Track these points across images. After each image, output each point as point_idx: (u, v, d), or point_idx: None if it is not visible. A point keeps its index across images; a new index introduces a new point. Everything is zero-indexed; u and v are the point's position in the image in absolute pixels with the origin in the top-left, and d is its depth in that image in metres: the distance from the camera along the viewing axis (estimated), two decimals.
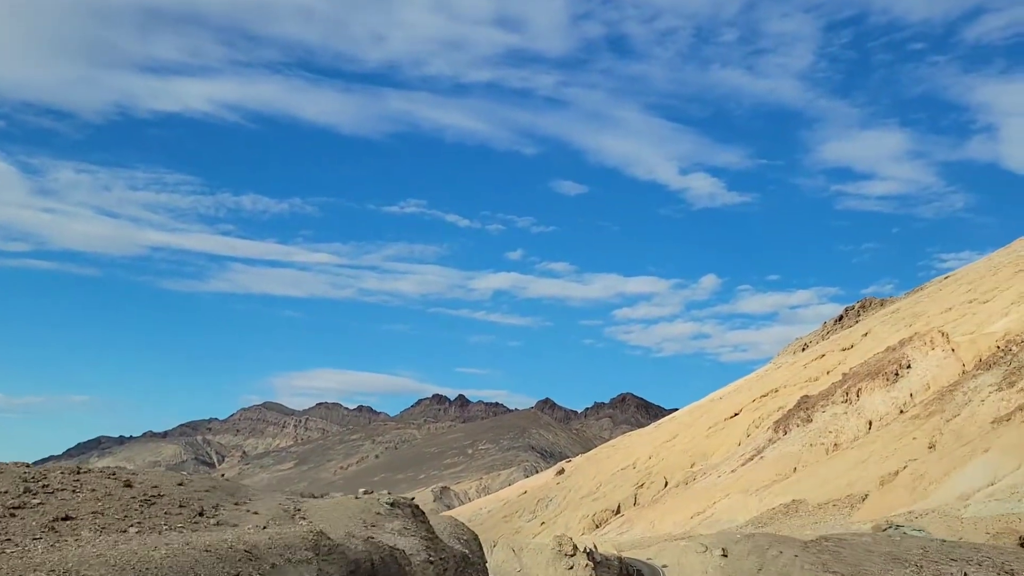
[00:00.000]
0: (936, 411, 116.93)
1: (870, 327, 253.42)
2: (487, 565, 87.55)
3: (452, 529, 27.55)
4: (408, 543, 19.17)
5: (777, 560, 21.66)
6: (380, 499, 21.13)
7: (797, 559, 22.79)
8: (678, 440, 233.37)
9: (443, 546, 21.99)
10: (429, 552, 19.72)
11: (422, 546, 19.65)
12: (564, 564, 78.35)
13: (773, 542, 24.13)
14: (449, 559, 21.22)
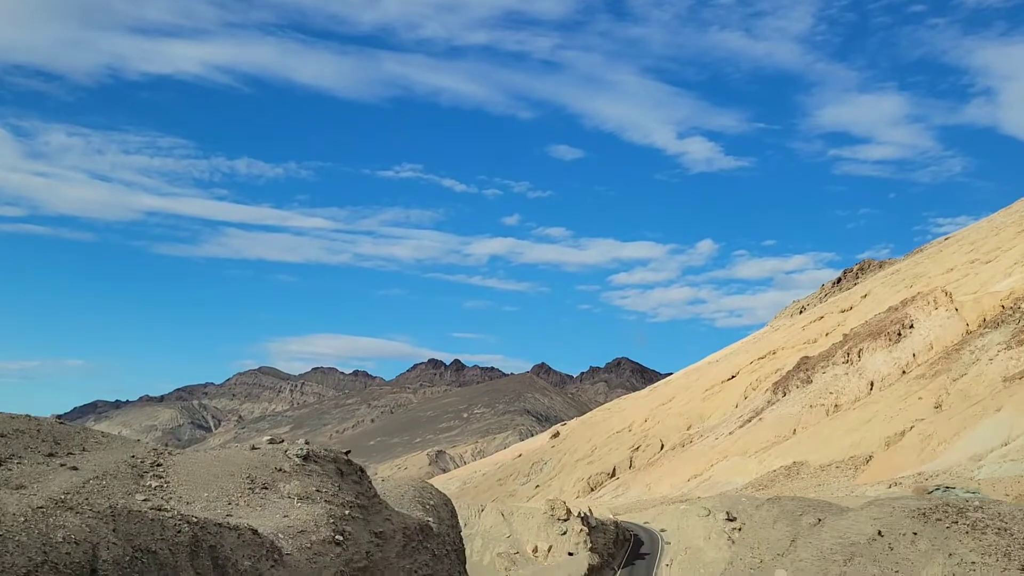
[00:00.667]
0: (942, 371, 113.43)
1: (870, 288, 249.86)
2: (469, 531, 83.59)
3: (416, 494, 23.62)
4: (307, 514, 14.41)
5: (818, 531, 17.99)
6: (288, 451, 16.51)
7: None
8: (674, 403, 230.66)
9: (388, 515, 18.05)
10: (346, 524, 15.05)
11: (341, 514, 15.09)
12: (557, 529, 74.59)
13: (806, 507, 20.31)
14: (395, 531, 17.42)
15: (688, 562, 61.24)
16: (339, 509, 15.20)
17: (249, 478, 15.51)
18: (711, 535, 61.39)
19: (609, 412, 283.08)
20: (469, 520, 79.49)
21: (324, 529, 14.74)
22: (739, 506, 64.80)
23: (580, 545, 71.46)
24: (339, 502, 15.49)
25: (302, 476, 15.41)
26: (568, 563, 70.05)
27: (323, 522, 14.84)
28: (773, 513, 20.91)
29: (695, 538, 63.01)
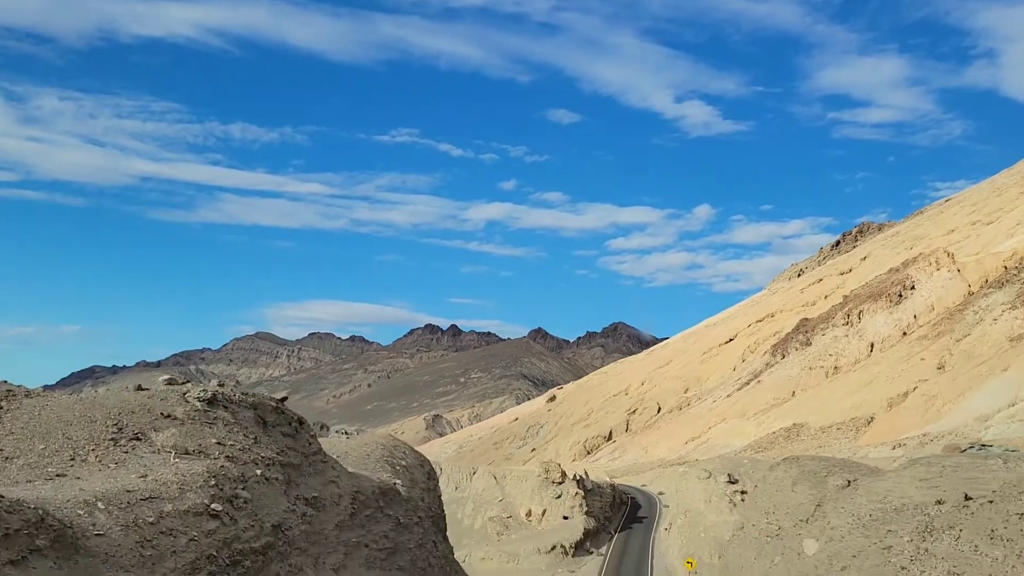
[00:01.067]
0: (944, 331, 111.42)
1: (869, 251, 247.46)
2: (460, 494, 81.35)
3: (384, 453, 21.28)
4: (176, 474, 11.03)
5: (851, 495, 15.75)
6: (188, 393, 12.96)
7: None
8: (671, 366, 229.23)
9: (334, 477, 15.48)
10: (245, 489, 11.51)
11: (240, 474, 11.51)
12: (551, 492, 72.53)
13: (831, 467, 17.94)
14: (340, 496, 14.86)
15: (688, 526, 59.39)
16: (239, 468, 11.79)
17: (117, 426, 12.15)
18: (712, 498, 59.47)
19: (606, 376, 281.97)
20: (461, 484, 77.67)
21: (194, 495, 10.95)
22: (741, 468, 62.82)
23: (575, 509, 69.58)
24: (247, 459, 12.18)
25: (199, 425, 12.18)
26: (563, 527, 68.10)
27: (196, 485, 11.04)
28: (791, 474, 18.59)
29: (695, 501, 61.09)
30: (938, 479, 15.00)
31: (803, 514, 17.23)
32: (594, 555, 66.01)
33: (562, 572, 61.57)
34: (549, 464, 74.99)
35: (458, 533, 74.54)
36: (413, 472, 21.60)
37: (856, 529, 14.51)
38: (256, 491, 11.63)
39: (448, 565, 21.00)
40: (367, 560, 14.78)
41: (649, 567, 61.86)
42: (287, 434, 14.94)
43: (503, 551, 64.21)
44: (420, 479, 22.11)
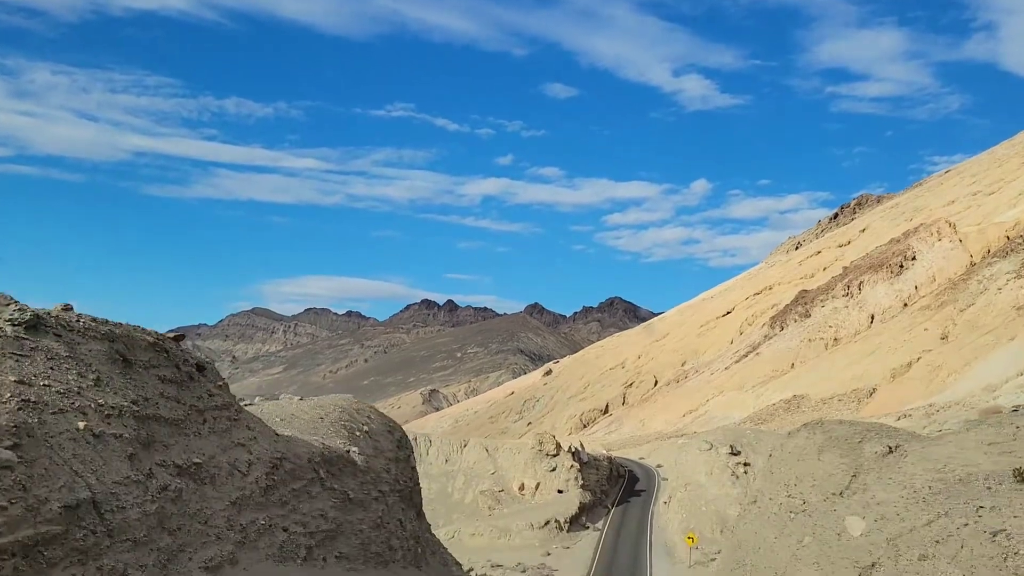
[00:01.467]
0: (948, 301, 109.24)
1: (868, 223, 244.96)
2: (451, 467, 78.85)
3: (343, 416, 18.80)
4: None
5: (896, 464, 13.40)
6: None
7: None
8: (668, 339, 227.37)
9: (242, 439, 12.70)
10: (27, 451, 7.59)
11: (29, 425, 7.87)
12: (545, 465, 70.22)
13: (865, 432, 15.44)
14: (249, 464, 12.07)
15: (688, 499, 57.42)
16: (41, 418, 8.31)
17: None
18: (713, 470, 57.40)
19: (602, 349, 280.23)
20: (451, 456, 75.53)
21: None
22: (743, 440, 60.71)
23: (570, 482, 67.65)
24: (65, 407, 8.71)
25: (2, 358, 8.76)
26: (557, 501, 66.13)
27: None
28: (815, 441, 16.26)
29: (695, 474, 59.06)
30: (1011, 443, 12.72)
31: (834, 486, 14.97)
32: (590, 530, 64.06)
33: (556, 548, 59.63)
34: (543, 436, 72.60)
35: (448, 508, 71.73)
36: (378, 439, 19.16)
37: (914, 505, 12.17)
38: (61, 452, 8.12)
39: (420, 545, 18.67)
40: (281, 549, 11.98)
41: (648, 542, 60.02)
42: (169, 380, 11.43)
43: (494, 526, 62.26)
44: (387, 447, 19.46)
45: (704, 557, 51.73)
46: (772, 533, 16.51)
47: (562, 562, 55.84)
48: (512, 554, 57.52)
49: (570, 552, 59.02)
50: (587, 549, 59.27)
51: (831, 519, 14.18)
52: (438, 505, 71.74)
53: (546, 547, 59.75)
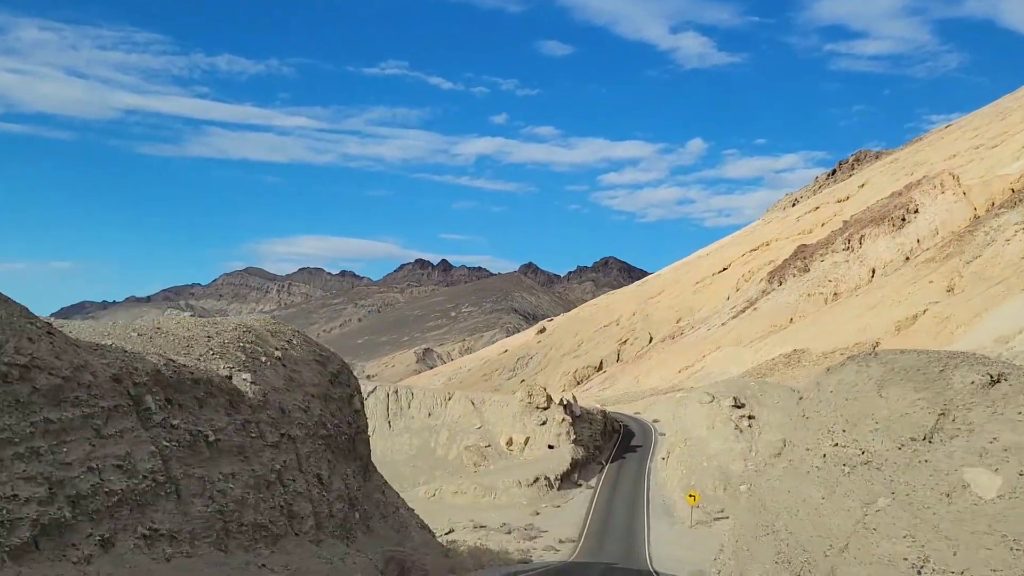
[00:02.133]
0: (953, 253, 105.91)
1: (867, 178, 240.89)
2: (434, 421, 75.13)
3: (247, 336, 14.51)
4: None
5: (1015, 396, 10.07)
6: None
7: None
8: (663, 296, 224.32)
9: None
10: None
11: None
12: (535, 418, 66.66)
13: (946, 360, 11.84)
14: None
15: (688, 454, 54.32)
16: None
17: None
18: (715, 424, 54.16)
19: (596, 307, 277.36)
20: (435, 410, 72.15)
21: None
22: (747, 391, 57.35)
23: (562, 437, 64.48)
24: None
25: None
26: (548, 457, 63.00)
27: None
28: (871, 374, 12.72)
29: (696, 427, 55.87)
30: None
31: (913, 429, 11.45)
32: (583, 488, 60.95)
33: (546, 507, 56.41)
34: (533, 388, 68.91)
35: (430, 465, 68.16)
36: (297, 369, 14.92)
37: None
38: None
39: (360, 510, 14.69)
40: None
41: (645, 501, 56.72)
42: None
43: (479, 484, 59.12)
44: (310, 380, 15.17)
45: (706, 516, 48.77)
46: (817, 492, 13.08)
47: (552, 522, 52.64)
48: (498, 513, 54.37)
49: (561, 511, 55.81)
50: (579, 508, 56.01)
51: (922, 473, 10.70)
52: (420, 462, 68.30)
53: (535, 506, 56.59)
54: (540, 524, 51.92)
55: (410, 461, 68.79)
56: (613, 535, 49.18)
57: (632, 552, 44.72)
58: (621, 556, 43.00)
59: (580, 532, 49.81)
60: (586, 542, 47.43)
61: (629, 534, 49.26)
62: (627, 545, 46.53)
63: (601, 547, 46.02)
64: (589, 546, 46.33)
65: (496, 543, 44.86)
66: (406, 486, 64.48)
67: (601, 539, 48.13)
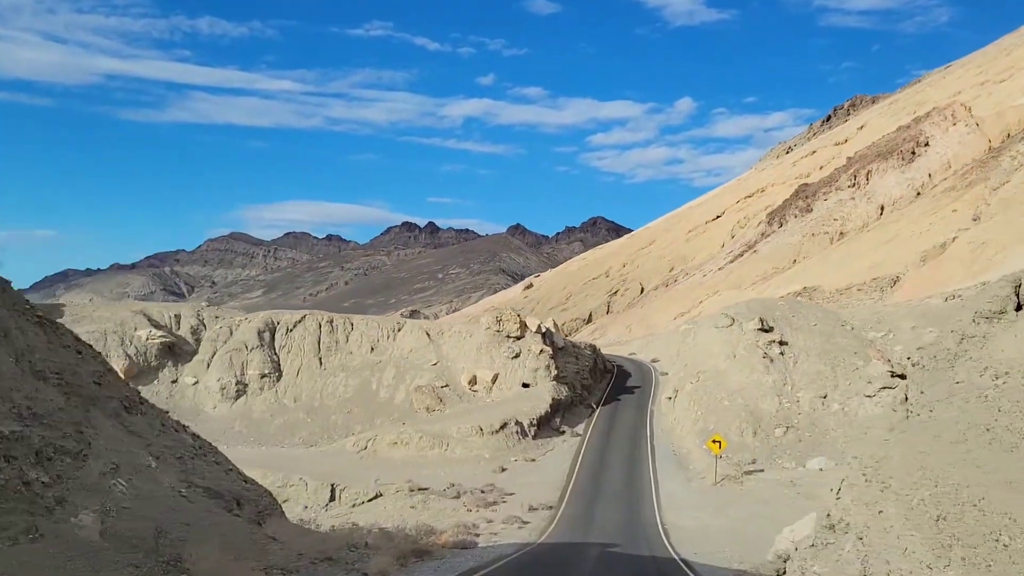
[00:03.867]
0: (976, 180, 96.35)
1: (866, 120, 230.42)
2: (377, 357, 64.34)
3: None
4: None
5: None
6: None
7: None
8: (654, 247, 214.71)
9: None
10: None
11: None
12: (506, 351, 55.34)
13: None
14: None
15: (703, 391, 44.35)
16: None
17: None
18: (737, 352, 44.12)
19: (584, 261, 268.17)
20: (379, 343, 61.14)
21: None
22: (774, 313, 47.43)
23: (540, 373, 53.73)
24: None
25: None
26: (521, 398, 52.52)
27: None
28: None
29: (712, 358, 45.94)
30: None
31: None
32: (566, 436, 50.76)
33: (516, 460, 46.08)
34: (503, 312, 58.13)
35: (370, 410, 57.72)
36: None
37: None
38: None
39: None
40: None
41: (649, 450, 46.53)
42: None
43: (426, 432, 48.18)
44: None
45: (734, 470, 38.89)
46: None
47: (522, 481, 41.68)
48: (449, 471, 43.89)
49: (536, 467, 45.16)
50: (561, 461, 45.61)
51: None
52: (355, 407, 58.15)
53: (501, 460, 46.20)
54: (505, 484, 41.35)
55: (343, 406, 58.40)
56: (607, 498, 38.38)
57: (636, 524, 33.23)
58: (621, 530, 31.85)
59: (561, 495, 39.28)
60: (568, 509, 36.58)
61: (630, 497, 38.47)
62: (628, 513, 35.51)
63: (590, 517, 34.82)
64: (572, 515, 35.24)
65: (433, 514, 35.08)
66: (337, 437, 55.13)
67: (590, 504, 37.29)
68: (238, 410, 61.55)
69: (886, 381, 40.47)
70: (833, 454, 39.71)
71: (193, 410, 61.64)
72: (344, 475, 42.21)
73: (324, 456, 49.11)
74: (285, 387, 62.54)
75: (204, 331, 68.56)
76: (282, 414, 60.37)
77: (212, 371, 64.09)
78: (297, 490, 40.58)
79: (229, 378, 62.47)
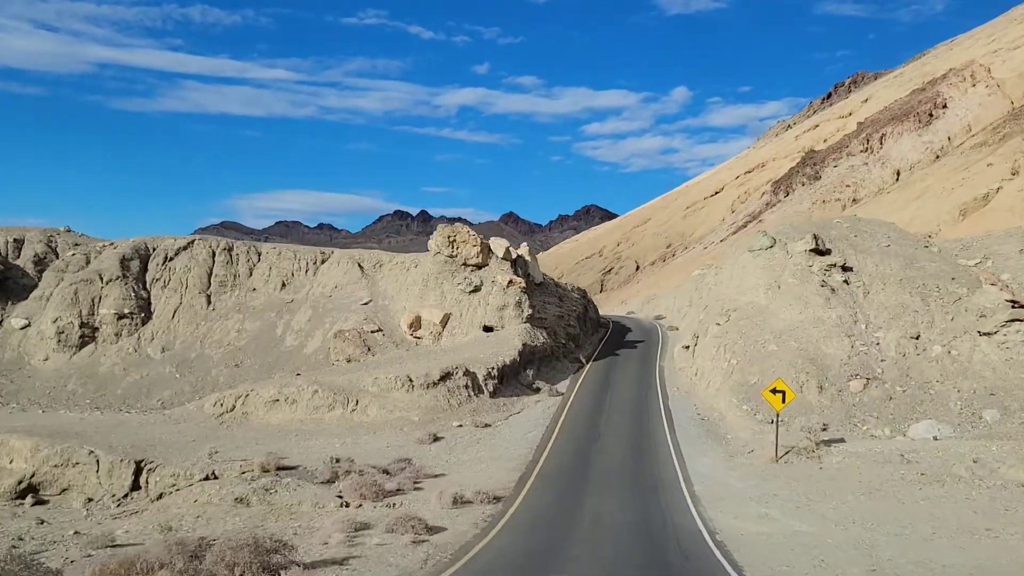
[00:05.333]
0: (1011, 134, 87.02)
1: (871, 93, 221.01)
2: (292, 295, 51.64)
3: None
4: None
5: None
6: None
7: None
8: (651, 224, 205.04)
9: None
10: None
11: None
12: (461, 283, 41.68)
13: None
14: None
15: (737, 332, 33.35)
16: None
17: None
18: (783, 280, 33.44)
19: (577, 242, 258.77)
20: (293, 278, 49.14)
21: None
22: (830, 232, 37.03)
23: (508, 312, 42.03)
24: None
25: None
26: (479, 343, 40.59)
27: None
28: None
29: (745, 292, 35.14)
30: None
31: None
32: (543, 395, 39.34)
33: (461, 426, 33.86)
34: (457, 230, 45.64)
35: (270, 361, 45.49)
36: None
37: None
38: None
39: None
40: None
41: (663, 412, 35.50)
42: None
43: (326, 385, 35.46)
44: None
45: (806, 439, 27.10)
46: None
47: (462, 456, 29.74)
48: (353, 441, 31.69)
49: (491, 435, 32.79)
50: (529, 428, 33.55)
51: None
52: (249, 358, 46.31)
53: (437, 424, 33.65)
54: (432, 461, 28.69)
55: (231, 358, 46.05)
56: (601, 484, 25.61)
57: (659, 531, 20.26)
58: (628, 544, 18.87)
59: (520, 479, 26.35)
60: (529, 503, 23.44)
61: (641, 481, 25.95)
62: (641, 510, 22.42)
63: (569, 518, 21.71)
64: (534, 516, 22.01)
65: (273, 512, 23.65)
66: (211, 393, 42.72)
67: (570, 495, 24.41)
68: (79, 363, 49.55)
69: (1011, 313, 30.61)
70: (946, 415, 29.60)
71: (14, 363, 49.62)
72: (175, 448, 30.66)
73: (163, 423, 36.18)
74: (152, 333, 51.07)
75: (55, 262, 56.38)
76: (140, 368, 48.59)
77: (49, 310, 51.38)
78: (84, 472, 29.18)
79: (71, 319, 50.47)
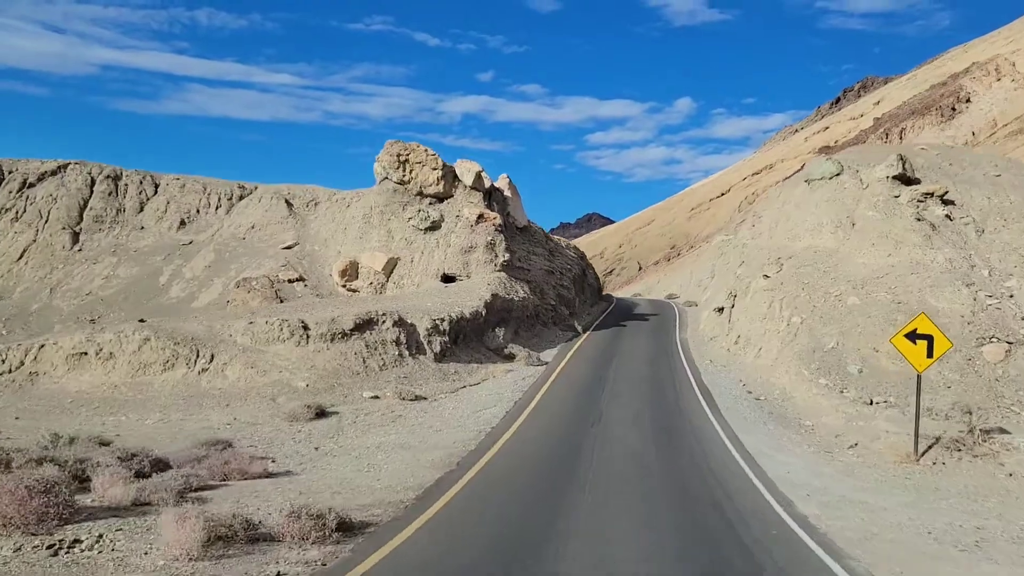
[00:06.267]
0: None
1: (884, 95, 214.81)
2: (189, 235, 42.18)
3: None
4: None
5: None
6: None
7: None
8: (654, 225, 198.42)
9: None
10: None
11: None
12: (416, 219, 33.12)
13: None
14: None
15: (797, 281, 23.80)
16: None
17: None
18: (858, 215, 23.65)
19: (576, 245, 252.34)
20: (197, 216, 41.13)
21: None
22: (920, 159, 28.46)
23: (476, 256, 33.28)
24: None
25: None
26: (433, 295, 31.41)
27: None
28: None
29: (802, 236, 25.84)
30: None
31: None
32: (519, 363, 30.99)
33: (382, 397, 23.95)
34: (411, 148, 35.94)
35: (141, 317, 36.57)
36: None
37: None
38: None
39: None
40: None
41: (695, 389, 26.34)
42: None
43: (169, 334, 26.15)
44: None
45: (957, 428, 17.90)
46: None
47: (357, 442, 18.46)
48: (181, 417, 22.24)
49: (422, 412, 22.84)
50: (489, 403, 24.17)
51: None
52: (115, 310, 37.72)
53: (336, 394, 24.37)
54: (287, 450, 17.48)
55: (88, 310, 37.17)
56: (609, 512, 13.18)
57: None
58: None
59: (439, 485, 14.99)
60: (422, 553, 10.95)
61: (691, 504, 14.04)
62: (704, 558, 11.26)
63: None
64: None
65: None
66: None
67: (544, 533, 11.82)
68: None
69: None
70: None
71: None
72: None
73: None
74: None
75: None
76: None
77: None
78: None
79: None
